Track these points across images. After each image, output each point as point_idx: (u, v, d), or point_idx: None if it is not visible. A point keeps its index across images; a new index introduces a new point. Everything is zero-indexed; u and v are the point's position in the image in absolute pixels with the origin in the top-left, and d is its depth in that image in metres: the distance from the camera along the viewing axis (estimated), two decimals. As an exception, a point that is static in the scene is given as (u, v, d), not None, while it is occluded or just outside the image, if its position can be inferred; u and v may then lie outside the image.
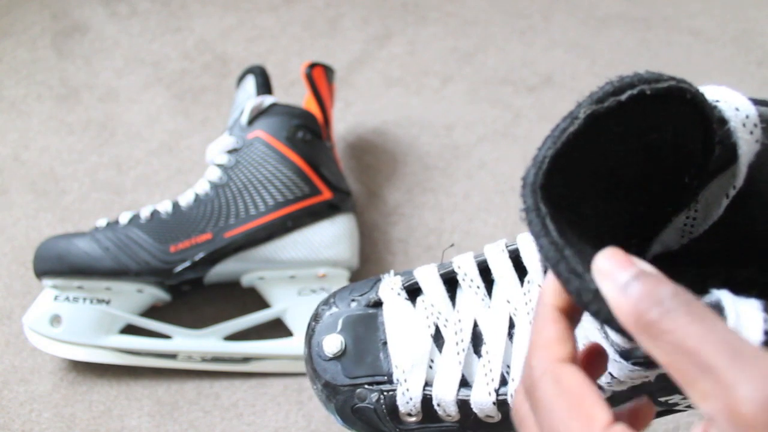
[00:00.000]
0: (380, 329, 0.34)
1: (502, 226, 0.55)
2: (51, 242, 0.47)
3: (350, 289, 0.37)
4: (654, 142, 0.23)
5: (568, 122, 0.21)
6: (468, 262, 0.34)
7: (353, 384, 0.33)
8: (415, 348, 0.33)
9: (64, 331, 0.46)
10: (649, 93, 0.21)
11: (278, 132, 0.49)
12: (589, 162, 0.23)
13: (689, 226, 0.27)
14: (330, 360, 0.34)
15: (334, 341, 0.34)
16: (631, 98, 0.21)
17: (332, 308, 0.36)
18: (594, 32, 0.70)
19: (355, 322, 0.35)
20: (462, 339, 0.32)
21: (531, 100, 0.64)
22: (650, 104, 0.22)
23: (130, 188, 0.58)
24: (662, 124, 0.23)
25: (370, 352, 0.34)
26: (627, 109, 0.22)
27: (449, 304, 0.33)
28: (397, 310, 0.34)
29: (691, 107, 0.22)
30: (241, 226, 0.47)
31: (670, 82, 0.22)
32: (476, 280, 0.33)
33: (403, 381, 0.32)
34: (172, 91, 0.65)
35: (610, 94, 0.21)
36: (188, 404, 0.46)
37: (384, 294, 0.35)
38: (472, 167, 0.59)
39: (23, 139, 0.62)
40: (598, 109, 0.21)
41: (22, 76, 0.67)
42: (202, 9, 0.73)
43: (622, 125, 0.22)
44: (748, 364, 0.16)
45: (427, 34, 0.70)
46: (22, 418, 0.45)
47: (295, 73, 0.66)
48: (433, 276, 0.34)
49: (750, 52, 0.67)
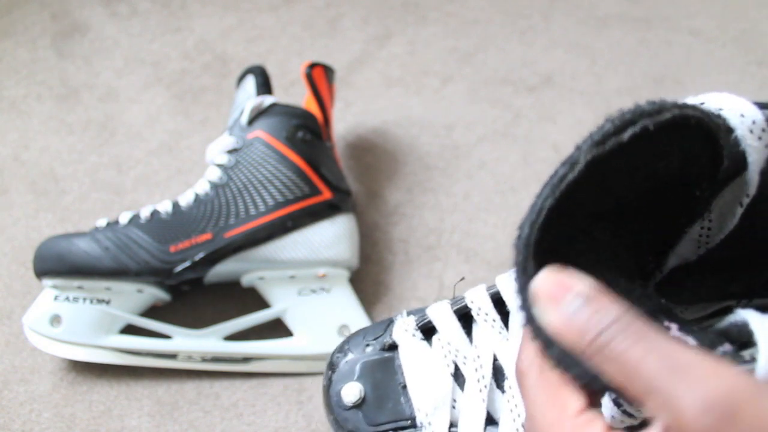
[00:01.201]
0: (398, 372, 0.33)
1: (502, 226, 0.55)
2: (51, 242, 0.47)
3: (363, 334, 0.36)
4: (660, 170, 0.23)
5: (567, 168, 0.21)
6: (481, 296, 0.33)
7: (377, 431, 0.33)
8: (435, 389, 0.32)
9: (64, 331, 0.46)
10: (653, 128, 0.20)
11: (278, 132, 0.49)
12: (592, 200, 0.22)
13: (705, 237, 0.26)
14: (350, 409, 0.33)
15: (353, 389, 0.33)
16: (634, 136, 0.20)
17: (347, 355, 0.35)
18: (594, 32, 0.70)
19: (373, 368, 0.34)
20: (483, 375, 0.31)
21: (531, 100, 0.64)
22: (654, 137, 0.21)
23: (130, 188, 0.58)
24: (668, 153, 0.22)
25: (390, 397, 0.33)
26: (630, 147, 0.21)
27: (466, 340, 0.33)
28: (414, 351, 0.33)
29: (696, 130, 0.22)
30: (241, 226, 0.47)
31: (674, 112, 0.21)
32: (491, 314, 0.32)
33: (427, 424, 0.32)
34: (172, 91, 0.65)
35: (611, 135, 0.20)
36: (188, 404, 0.46)
37: (398, 336, 0.34)
38: (472, 167, 0.59)
39: (23, 139, 0.62)
40: (599, 153, 0.20)
41: (22, 76, 0.67)
42: (202, 9, 0.73)
43: (626, 162, 0.21)
44: (686, 375, 0.17)
45: (427, 34, 0.70)
46: (22, 418, 0.45)
47: (295, 73, 0.66)
48: (447, 313, 0.33)
49: (750, 52, 0.67)
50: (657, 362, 0.17)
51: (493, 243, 0.54)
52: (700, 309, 0.30)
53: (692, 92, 0.25)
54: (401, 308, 0.50)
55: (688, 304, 0.30)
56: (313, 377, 0.47)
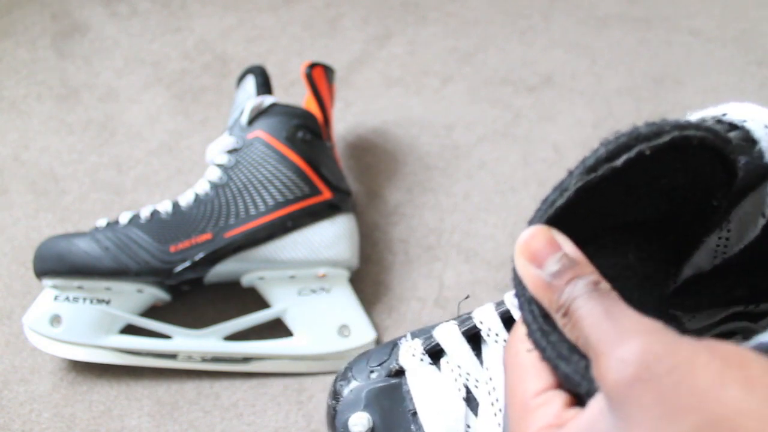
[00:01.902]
0: (407, 399, 0.32)
1: (502, 226, 0.55)
2: (51, 242, 0.47)
3: (367, 359, 0.34)
4: (666, 186, 0.22)
5: (557, 194, 0.21)
6: (490, 316, 0.32)
7: None
8: (448, 414, 0.30)
9: (64, 331, 0.46)
10: (649, 153, 0.20)
11: (278, 132, 0.49)
12: (588, 222, 0.22)
13: (722, 247, 0.26)
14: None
15: (361, 419, 0.32)
16: (629, 161, 0.20)
17: (351, 382, 0.34)
18: (594, 32, 0.70)
19: (379, 395, 0.33)
20: (497, 398, 0.30)
21: (531, 100, 0.64)
22: (653, 160, 0.20)
23: (130, 188, 0.58)
24: (671, 172, 0.21)
25: (400, 425, 0.32)
26: (626, 171, 0.20)
27: (477, 362, 0.31)
28: (423, 376, 0.32)
29: (700, 150, 0.21)
30: (241, 226, 0.47)
31: (673, 134, 0.20)
32: (501, 334, 0.31)
33: None
34: (172, 91, 0.65)
35: (604, 161, 0.20)
36: (188, 404, 0.46)
37: (405, 361, 0.33)
38: (472, 167, 0.59)
39: (23, 139, 0.62)
40: (591, 181, 0.20)
41: (22, 76, 0.67)
42: (202, 9, 0.73)
43: (622, 185, 0.21)
44: (622, 329, 0.18)
45: (427, 34, 0.70)
46: (22, 418, 0.45)
47: (295, 73, 0.66)
48: (455, 335, 0.32)
49: (750, 52, 0.67)
50: (603, 322, 0.19)
51: (493, 243, 0.54)
52: (706, 317, 0.29)
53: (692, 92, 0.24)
54: (401, 308, 0.50)
55: (695, 311, 0.29)
56: (313, 377, 0.47)
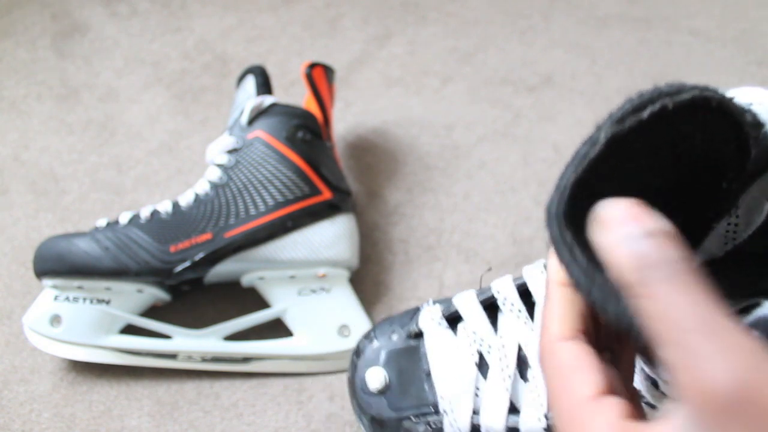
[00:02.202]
0: (423, 360, 0.34)
1: (502, 226, 0.55)
2: (51, 242, 0.47)
3: (390, 321, 0.36)
4: (683, 153, 0.22)
5: (588, 147, 0.21)
6: (507, 286, 0.33)
7: (399, 417, 0.33)
8: (459, 377, 0.32)
9: (64, 331, 0.46)
10: (672, 107, 0.20)
11: (278, 132, 0.49)
12: (615, 182, 0.22)
13: (732, 233, 0.26)
14: (374, 395, 0.34)
15: (378, 375, 0.34)
16: (653, 114, 0.20)
17: (373, 342, 0.35)
18: (594, 32, 0.70)
19: (398, 355, 0.34)
20: (507, 365, 0.31)
21: (531, 100, 0.64)
22: (674, 117, 0.21)
23: (130, 188, 0.58)
24: (690, 135, 0.22)
25: (414, 383, 0.33)
26: (650, 126, 0.21)
27: (491, 329, 0.33)
28: (439, 339, 0.34)
29: (718, 114, 0.21)
30: (241, 226, 0.47)
31: (693, 92, 0.20)
32: (517, 304, 0.33)
33: (450, 411, 0.32)
34: (172, 91, 0.65)
35: (630, 113, 0.20)
36: (188, 404, 0.46)
37: (424, 324, 0.34)
38: (472, 167, 0.59)
39: (23, 139, 0.62)
40: (619, 131, 0.20)
41: (22, 76, 0.67)
42: (202, 9, 0.73)
43: (647, 142, 0.21)
44: (718, 339, 0.16)
45: (427, 34, 0.70)
46: (22, 418, 0.45)
47: (295, 73, 0.66)
48: (473, 302, 0.34)
49: (750, 52, 0.67)
50: (695, 316, 0.17)
51: (493, 243, 0.54)
52: None
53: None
54: (401, 308, 0.50)
55: None
56: (313, 377, 0.47)
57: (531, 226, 0.55)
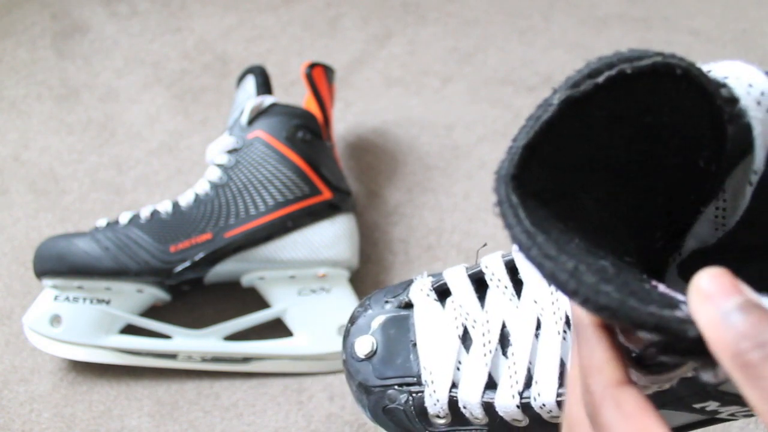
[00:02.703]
0: (411, 330, 0.34)
1: (502, 226, 0.55)
2: (51, 242, 0.47)
3: (385, 291, 0.37)
4: (650, 125, 0.22)
5: (542, 110, 0.20)
6: (496, 262, 0.33)
7: (384, 385, 0.33)
8: (442, 349, 0.32)
9: (64, 331, 0.46)
10: (630, 72, 0.20)
11: (278, 132, 0.49)
12: (574, 150, 0.21)
13: (721, 218, 0.25)
14: (362, 361, 0.34)
15: (366, 342, 0.34)
16: (610, 80, 0.20)
17: (367, 310, 0.36)
18: (594, 32, 0.70)
19: (388, 324, 0.35)
20: (489, 340, 0.32)
21: (531, 100, 0.64)
22: (635, 85, 0.20)
23: (130, 188, 0.58)
24: (655, 105, 0.21)
25: (400, 353, 0.34)
26: (608, 92, 0.20)
27: (478, 304, 0.33)
28: (427, 311, 0.34)
29: (686, 83, 0.21)
30: (241, 226, 0.47)
31: (655, 59, 0.20)
32: (504, 280, 0.33)
33: (431, 382, 0.32)
34: (172, 91, 0.65)
35: (587, 77, 0.20)
36: (188, 404, 0.46)
37: (414, 295, 0.35)
38: (472, 167, 0.59)
39: (23, 139, 0.62)
40: (573, 94, 0.20)
41: (22, 76, 0.67)
42: (202, 9, 0.73)
43: (605, 109, 0.21)
44: None
45: (427, 34, 0.70)
46: (22, 418, 0.45)
47: (295, 73, 0.66)
48: (462, 276, 0.34)
49: (750, 52, 0.67)
50: None
51: (493, 243, 0.54)
52: None
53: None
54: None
55: None
56: (313, 377, 0.47)
57: (531, 226, 0.55)
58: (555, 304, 0.31)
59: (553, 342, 0.30)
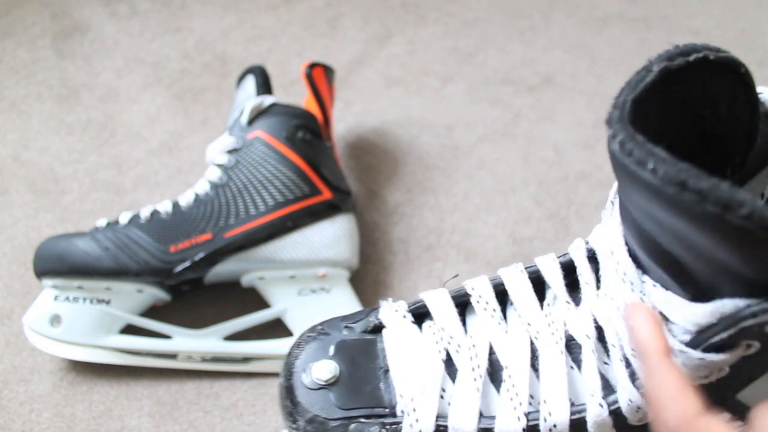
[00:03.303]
0: (380, 356, 0.31)
1: (502, 226, 0.55)
2: (51, 242, 0.47)
3: (342, 318, 0.33)
4: (708, 118, 0.24)
5: (644, 74, 0.23)
6: (483, 284, 0.32)
7: (346, 417, 0.29)
8: (424, 374, 0.29)
9: (64, 331, 0.46)
10: (713, 58, 0.23)
11: (278, 132, 0.49)
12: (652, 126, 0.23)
13: None
14: (320, 389, 0.30)
15: (327, 366, 0.30)
16: (697, 61, 0.23)
17: (320, 336, 0.32)
18: (594, 32, 0.70)
19: (351, 348, 0.31)
20: (478, 365, 0.29)
21: (531, 100, 0.64)
22: (710, 72, 0.23)
23: (130, 188, 0.58)
24: (718, 98, 0.24)
25: (368, 381, 0.30)
26: (691, 73, 0.23)
27: (461, 329, 0.31)
28: (402, 334, 0.31)
29: (742, 86, 0.24)
30: (241, 226, 0.47)
31: (729, 54, 0.23)
32: (492, 303, 0.31)
33: (411, 411, 0.29)
34: (172, 91, 0.65)
35: (678, 55, 0.23)
36: (188, 404, 0.46)
37: (386, 317, 0.31)
38: (472, 167, 0.59)
39: (23, 139, 0.62)
40: (669, 66, 0.23)
41: (22, 76, 0.67)
42: (202, 9, 0.73)
43: (686, 90, 0.23)
44: None
45: (427, 34, 0.70)
46: (22, 418, 0.45)
47: (295, 73, 0.66)
48: (444, 298, 0.32)
49: (750, 52, 0.67)
50: None
51: (493, 243, 0.54)
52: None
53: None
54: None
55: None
56: (313, 377, 0.47)
57: (531, 226, 0.55)
58: (552, 325, 0.29)
59: (557, 360, 0.29)
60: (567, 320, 0.30)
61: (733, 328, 0.22)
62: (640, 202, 0.22)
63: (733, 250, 0.20)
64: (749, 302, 0.21)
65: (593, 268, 0.30)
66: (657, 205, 0.21)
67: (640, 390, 0.26)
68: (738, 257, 0.20)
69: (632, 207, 0.24)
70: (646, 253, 0.25)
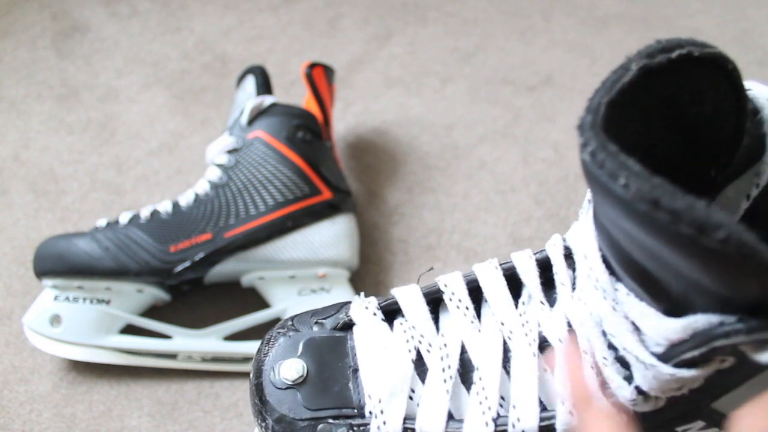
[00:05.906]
0: (350, 355, 0.30)
1: (502, 226, 0.55)
2: (51, 242, 0.47)
3: (312, 313, 0.33)
4: (693, 118, 0.23)
5: (620, 73, 0.21)
6: (456, 281, 0.31)
7: (314, 417, 0.28)
8: (393, 375, 0.28)
9: (64, 331, 0.46)
10: (697, 55, 0.21)
11: (278, 132, 0.49)
12: (632, 128, 0.22)
13: None
14: (287, 389, 0.29)
15: (294, 365, 0.29)
16: (680, 57, 0.21)
17: (290, 332, 0.31)
18: (594, 32, 0.70)
19: (320, 346, 0.30)
20: (449, 365, 0.28)
21: (531, 100, 0.64)
22: (695, 69, 0.21)
23: (130, 188, 0.58)
24: (703, 96, 0.22)
25: (337, 380, 0.29)
26: (674, 70, 0.21)
27: (433, 327, 0.30)
28: (372, 332, 0.30)
29: (729, 83, 0.22)
30: (241, 226, 0.47)
31: (716, 50, 0.21)
32: (465, 301, 0.30)
33: (379, 413, 0.28)
34: (172, 91, 0.65)
35: (660, 51, 0.21)
36: (188, 404, 0.46)
37: (357, 314, 0.30)
38: (472, 167, 0.59)
39: (23, 139, 0.62)
40: (649, 64, 0.21)
41: (22, 76, 0.67)
42: (202, 9, 0.73)
43: (668, 89, 0.22)
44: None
45: (427, 34, 0.70)
46: (22, 418, 0.45)
47: (295, 73, 0.66)
48: (415, 295, 0.31)
49: (750, 52, 0.67)
50: None
51: (493, 243, 0.54)
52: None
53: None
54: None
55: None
56: (313, 377, 0.47)
57: (531, 226, 0.55)
58: (526, 326, 0.29)
59: (529, 364, 0.28)
60: (541, 321, 0.29)
61: (705, 346, 0.21)
62: (612, 214, 0.21)
63: (708, 271, 0.19)
64: (722, 319, 0.20)
65: (570, 266, 0.29)
66: (629, 221, 0.20)
67: (610, 399, 0.25)
68: (713, 278, 0.19)
69: (604, 218, 0.23)
70: (618, 263, 0.24)
